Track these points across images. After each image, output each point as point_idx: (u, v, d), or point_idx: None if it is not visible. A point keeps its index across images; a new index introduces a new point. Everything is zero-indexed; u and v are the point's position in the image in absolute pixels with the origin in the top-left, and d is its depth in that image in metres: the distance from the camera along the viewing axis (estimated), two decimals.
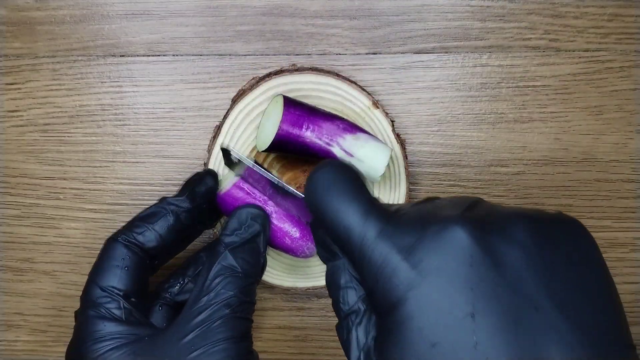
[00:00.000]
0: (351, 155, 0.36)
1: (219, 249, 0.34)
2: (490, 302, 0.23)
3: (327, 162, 0.28)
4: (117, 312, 0.32)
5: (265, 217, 0.36)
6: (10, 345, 0.44)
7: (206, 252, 0.39)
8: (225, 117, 0.39)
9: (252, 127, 0.39)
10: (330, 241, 0.28)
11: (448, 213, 0.25)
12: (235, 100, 0.39)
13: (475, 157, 0.41)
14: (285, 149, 0.36)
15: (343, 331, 0.27)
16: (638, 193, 0.41)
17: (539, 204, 0.41)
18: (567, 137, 0.41)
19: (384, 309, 0.25)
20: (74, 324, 0.44)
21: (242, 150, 0.39)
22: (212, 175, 0.37)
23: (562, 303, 0.23)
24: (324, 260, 0.29)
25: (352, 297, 0.27)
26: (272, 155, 0.40)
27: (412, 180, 0.41)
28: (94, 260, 0.42)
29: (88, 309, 0.32)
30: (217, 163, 0.39)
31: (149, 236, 0.34)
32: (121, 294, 0.32)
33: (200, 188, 0.36)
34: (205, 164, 0.39)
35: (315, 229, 0.30)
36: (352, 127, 0.37)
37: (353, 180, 0.28)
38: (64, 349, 0.44)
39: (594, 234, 0.41)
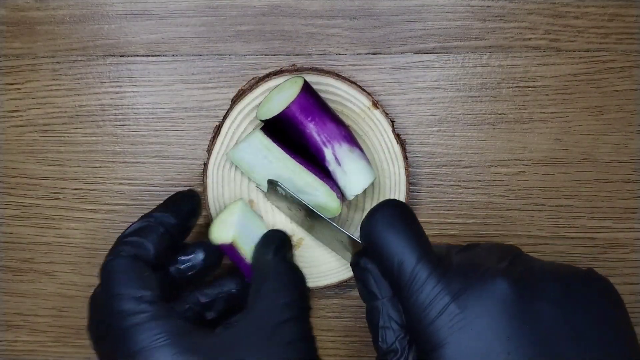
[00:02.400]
0: (339, 164, 0.36)
1: (267, 260, 0.34)
2: (525, 351, 0.26)
3: (387, 201, 0.31)
4: (163, 312, 0.30)
5: (289, 239, 0.36)
6: (10, 345, 0.44)
7: (216, 286, 0.37)
8: (225, 117, 0.39)
9: (252, 127, 0.39)
10: (372, 282, 0.30)
11: (494, 264, 0.28)
12: (235, 101, 0.39)
13: (476, 157, 0.41)
14: (281, 128, 0.36)
15: None
16: (638, 193, 0.41)
17: (539, 204, 0.41)
18: (567, 137, 0.41)
19: (427, 348, 0.27)
20: (73, 324, 0.44)
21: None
22: (195, 197, 0.36)
23: (586, 350, 0.26)
24: (363, 299, 0.31)
25: (390, 337, 0.29)
26: None
27: (412, 180, 0.41)
28: (94, 260, 0.43)
29: (131, 316, 0.30)
30: (216, 163, 0.39)
31: (147, 247, 0.33)
32: (157, 296, 0.31)
33: (185, 206, 0.35)
34: (205, 164, 0.39)
35: (358, 267, 0.31)
36: (352, 139, 0.37)
37: (413, 222, 0.30)
38: (64, 349, 0.44)
39: (594, 235, 0.42)
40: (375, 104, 0.38)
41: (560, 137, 0.41)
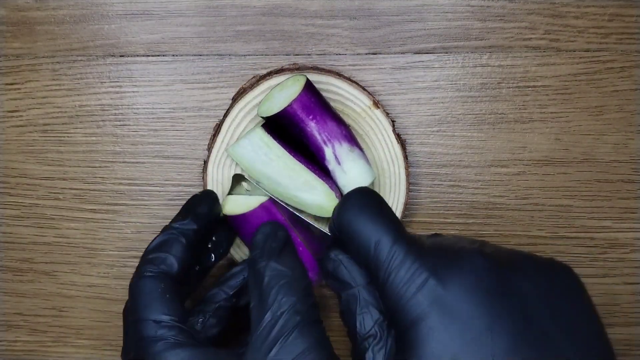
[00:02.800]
0: (338, 163, 0.36)
1: (258, 265, 0.32)
2: (505, 323, 0.26)
3: (358, 188, 0.31)
4: (181, 338, 0.30)
5: (287, 230, 0.35)
6: (10, 345, 0.44)
7: (220, 286, 0.37)
8: (225, 115, 0.39)
9: (253, 125, 0.39)
10: (344, 272, 0.30)
11: (465, 244, 0.29)
12: (235, 99, 0.39)
13: (476, 157, 0.41)
14: (282, 125, 0.36)
15: (358, 356, 0.29)
16: (638, 193, 0.41)
17: (539, 204, 0.41)
18: (567, 137, 0.41)
19: (406, 325, 0.27)
20: (73, 324, 0.44)
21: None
22: (212, 196, 0.36)
23: (568, 331, 0.26)
24: (337, 290, 0.31)
25: (369, 321, 0.29)
26: None
27: (412, 180, 0.41)
28: (94, 260, 0.43)
29: (152, 344, 0.30)
30: (216, 161, 0.39)
31: (171, 262, 0.32)
32: (177, 320, 0.31)
33: (203, 209, 0.35)
34: (205, 162, 0.39)
35: (329, 260, 0.31)
36: (353, 139, 0.37)
37: (385, 206, 0.30)
38: (64, 349, 0.44)
39: (594, 235, 0.42)
40: (376, 104, 0.38)
41: (560, 137, 0.41)
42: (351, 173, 0.37)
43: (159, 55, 0.41)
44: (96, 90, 0.41)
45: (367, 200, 0.30)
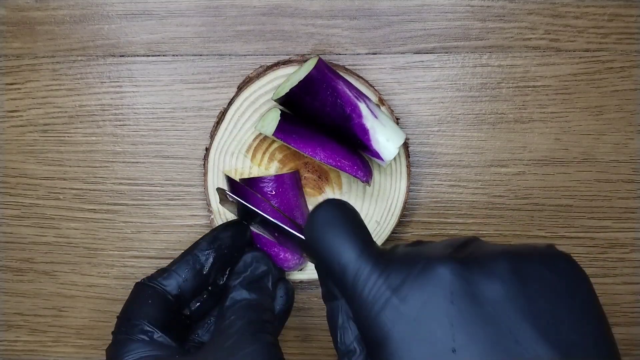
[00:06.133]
0: (375, 117, 0.36)
1: (230, 283, 0.36)
2: (471, 336, 0.24)
3: (326, 201, 0.29)
4: (147, 336, 0.33)
5: (269, 259, 0.37)
6: (10, 345, 0.44)
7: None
8: (230, 103, 0.39)
9: (257, 115, 0.39)
10: (328, 282, 0.29)
11: (435, 252, 0.27)
12: (241, 87, 0.39)
13: (476, 157, 0.41)
14: (310, 92, 0.35)
15: None
16: (638, 193, 0.41)
17: (539, 204, 0.41)
18: (567, 137, 0.41)
19: (374, 345, 0.26)
20: (73, 324, 0.45)
21: (244, 139, 0.39)
22: (242, 228, 0.38)
23: (544, 329, 0.24)
24: (325, 300, 0.30)
25: (349, 337, 0.28)
26: (274, 145, 0.39)
27: (412, 180, 0.41)
28: (94, 260, 0.43)
29: (119, 334, 0.33)
30: (219, 148, 0.39)
31: (173, 284, 0.35)
32: (152, 326, 0.33)
33: (228, 239, 0.37)
34: (207, 149, 0.39)
35: (317, 268, 0.31)
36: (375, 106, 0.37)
37: (351, 219, 0.29)
38: (64, 349, 0.44)
39: (594, 235, 0.42)
40: (382, 100, 0.38)
41: (560, 137, 0.41)
42: (389, 126, 0.36)
43: (159, 55, 0.41)
44: (96, 90, 0.41)
45: (333, 213, 0.29)
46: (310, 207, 0.40)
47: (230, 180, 0.39)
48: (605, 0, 0.39)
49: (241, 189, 0.38)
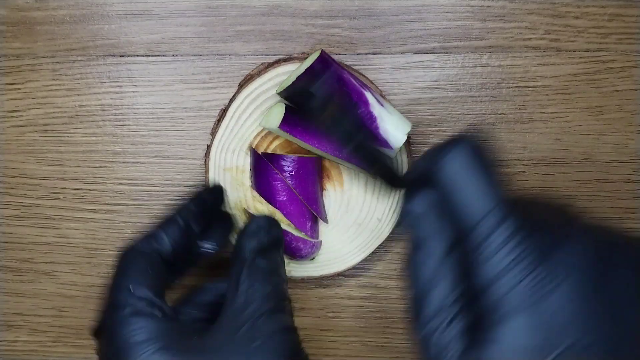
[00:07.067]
0: (381, 105, 0.36)
1: (244, 251, 0.33)
2: (601, 338, 0.22)
3: (470, 136, 0.26)
4: (150, 309, 0.29)
5: (280, 227, 0.35)
6: (10, 345, 0.44)
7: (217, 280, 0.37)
8: (231, 100, 0.39)
9: (258, 112, 0.39)
10: (426, 229, 0.26)
11: (572, 223, 0.25)
12: (242, 85, 0.39)
13: None
14: (316, 79, 0.34)
15: (420, 320, 0.25)
16: (638, 193, 0.41)
17: None
18: (567, 137, 0.41)
19: (489, 314, 0.23)
20: (73, 324, 0.44)
21: (245, 136, 0.39)
22: (220, 189, 0.39)
23: None
24: (412, 247, 0.26)
25: (440, 296, 0.25)
26: (275, 142, 0.39)
27: None
28: (94, 260, 0.43)
29: (119, 309, 0.29)
30: (219, 146, 0.39)
31: (165, 241, 0.33)
32: (152, 293, 0.30)
33: (209, 197, 0.37)
34: (208, 147, 0.39)
35: (409, 214, 0.27)
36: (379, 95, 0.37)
37: (494, 164, 0.26)
38: (64, 349, 0.44)
39: None
40: (383, 96, 0.38)
41: (560, 137, 0.41)
42: (395, 114, 0.36)
43: (159, 55, 0.41)
44: (96, 90, 0.41)
45: (480, 153, 0.25)
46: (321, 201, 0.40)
47: (254, 152, 0.39)
48: (605, 0, 0.39)
49: (262, 164, 0.38)
